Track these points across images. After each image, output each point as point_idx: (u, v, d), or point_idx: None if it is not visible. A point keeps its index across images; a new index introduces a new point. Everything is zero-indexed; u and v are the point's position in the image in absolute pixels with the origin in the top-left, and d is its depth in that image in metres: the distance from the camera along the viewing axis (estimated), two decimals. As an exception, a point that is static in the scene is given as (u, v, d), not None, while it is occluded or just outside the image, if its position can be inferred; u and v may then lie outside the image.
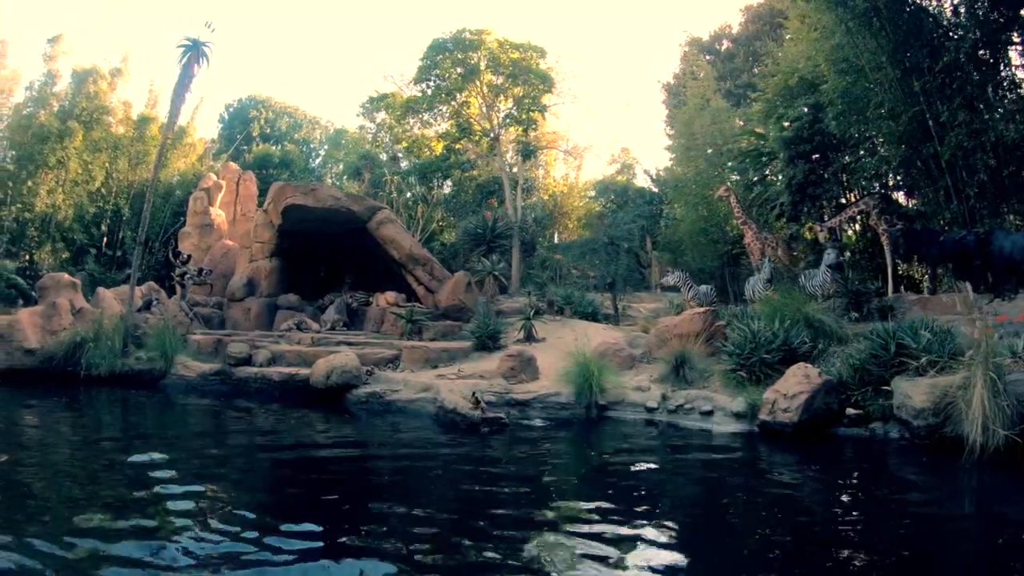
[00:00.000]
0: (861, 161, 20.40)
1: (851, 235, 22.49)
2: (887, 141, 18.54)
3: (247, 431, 12.88)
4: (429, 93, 33.57)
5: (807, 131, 19.97)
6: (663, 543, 6.74)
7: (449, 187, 39.06)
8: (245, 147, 46.02)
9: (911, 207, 20.10)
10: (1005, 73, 17.65)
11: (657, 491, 9.07)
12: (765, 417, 11.95)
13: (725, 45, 43.24)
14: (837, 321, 15.10)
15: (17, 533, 6.28)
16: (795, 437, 11.48)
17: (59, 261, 31.18)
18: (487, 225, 25.66)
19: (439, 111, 35.13)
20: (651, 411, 13.64)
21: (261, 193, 32.36)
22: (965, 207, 17.36)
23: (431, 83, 33.33)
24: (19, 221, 30.79)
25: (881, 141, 18.86)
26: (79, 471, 9.09)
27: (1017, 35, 17.26)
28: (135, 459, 9.42)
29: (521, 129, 33.17)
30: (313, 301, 23.05)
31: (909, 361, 11.81)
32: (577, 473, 10.27)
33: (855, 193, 21.58)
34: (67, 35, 34.42)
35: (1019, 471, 9.55)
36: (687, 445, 11.71)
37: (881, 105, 17.79)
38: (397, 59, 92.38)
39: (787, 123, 20.77)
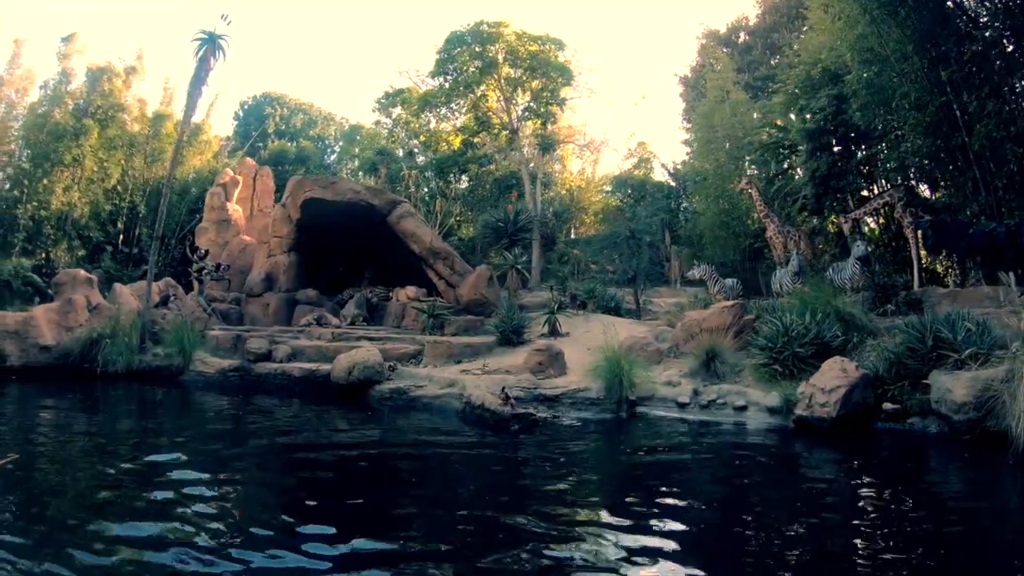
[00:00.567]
0: (886, 153, 19.99)
1: (874, 228, 22.12)
2: (913, 132, 18.10)
3: (269, 429, 12.51)
4: (447, 86, 33.33)
5: (830, 123, 19.71)
6: (709, 545, 6.51)
7: (466, 182, 38.82)
8: (260, 144, 45.93)
9: (937, 199, 19.68)
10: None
11: (699, 490, 8.71)
12: (802, 412, 11.67)
13: (742, 37, 42.68)
14: (867, 314, 14.81)
15: (36, 540, 6.07)
16: (833, 432, 11.18)
17: (75, 259, 31.07)
18: (508, 218, 25.27)
19: (457, 105, 34.90)
20: (683, 406, 13.25)
21: (277, 189, 32.36)
22: (993, 198, 16.96)
23: (449, 76, 33.13)
24: (35, 219, 30.72)
25: (907, 132, 18.39)
26: (97, 472, 8.80)
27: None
28: (154, 458, 9.19)
29: (540, 122, 32.85)
30: (332, 296, 22.81)
31: (949, 354, 11.41)
32: (613, 472, 9.95)
33: (878, 185, 21.25)
34: (81, 34, 34.40)
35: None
36: (723, 442, 11.30)
37: (907, 95, 17.35)
38: (413, 54, 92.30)
39: (809, 115, 20.51)
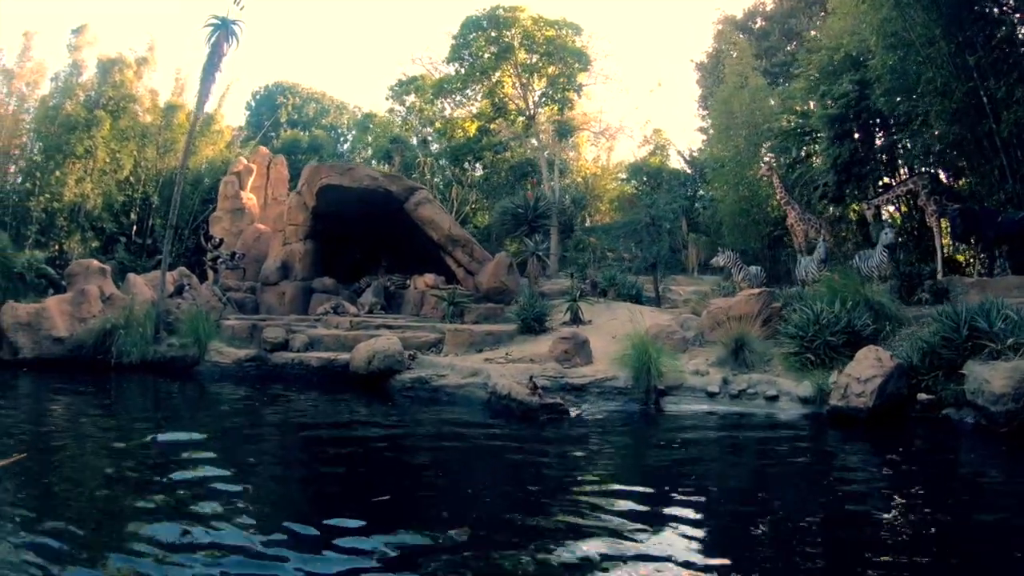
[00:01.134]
0: (911, 139, 19.49)
1: (896, 216, 21.63)
2: (939, 118, 17.59)
3: (289, 421, 12.21)
4: (462, 72, 32.98)
5: (853, 109, 19.23)
6: (755, 546, 6.23)
7: (480, 170, 38.46)
8: (273, 133, 45.74)
9: (959, 186, 19.22)
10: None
11: (735, 484, 8.48)
12: (837, 402, 11.39)
13: (759, 23, 42.05)
14: (895, 303, 14.57)
15: (63, 542, 5.78)
16: (868, 424, 10.89)
17: (89, 250, 30.82)
18: (528, 205, 24.79)
19: (472, 91, 34.55)
20: (712, 396, 12.89)
21: (291, 178, 32.21)
22: (1020, 187, 16.53)
23: (464, 62, 32.74)
24: (48, 211, 30.52)
25: (932, 119, 17.89)
26: (116, 470, 8.41)
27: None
28: (174, 455, 8.87)
29: (556, 108, 32.46)
30: (349, 284, 22.47)
31: (985, 344, 11.17)
32: (646, 465, 9.60)
33: (901, 173, 20.81)
34: (91, 25, 34.15)
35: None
36: (756, 434, 11.04)
37: (932, 81, 16.83)
38: (426, 41, 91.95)
39: (831, 100, 20.02)
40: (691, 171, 40.48)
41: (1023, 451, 9.52)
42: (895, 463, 9.36)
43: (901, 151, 20.56)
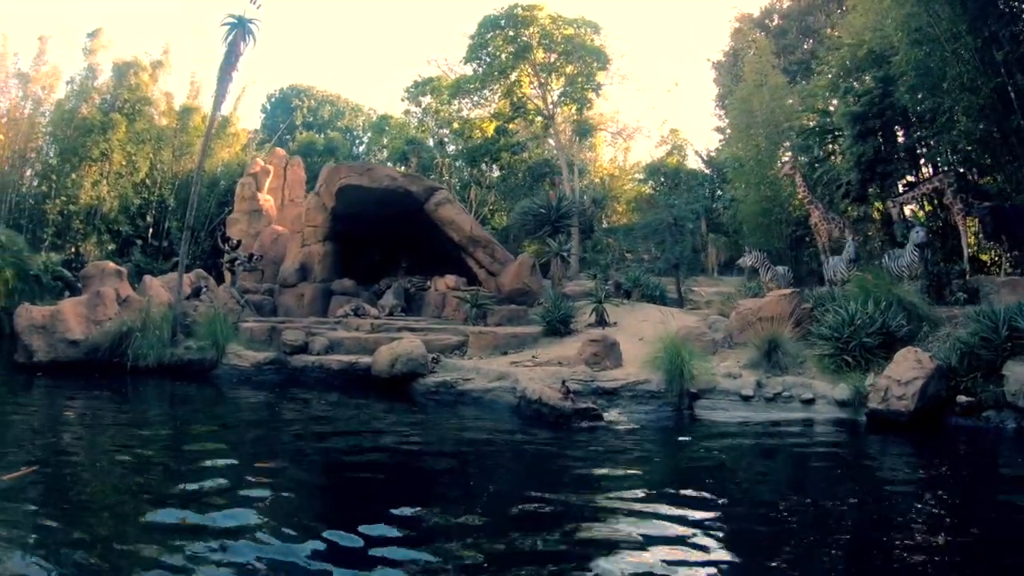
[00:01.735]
0: (937, 136, 19.04)
1: (920, 215, 21.19)
2: (965, 115, 17.23)
3: (313, 427, 11.79)
4: (480, 72, 32.69)
5: (876, 106, 18.88)
6: (792, 550, 6.12)
7: (497, 171, 38.12)
8: (288, 136, 45.63)
9: (984, 184, 18.78)
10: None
11: (778, 493, 8.17)
12: (876, 405, 11.13)
13: (776, 21, 41.56)
14: (928, 303, 14.30)
15: (86, 559, 5.56)
16: (909, 427, 10.68)
17: (105, 253, 30.82)
18: (551, 205, 24.36)
19: (490, 91, 34.26)
20: (747, 400, 12.57)
21: (308, 179, 32.09)
22: (1051, 185, 16.23)
23: (482, 62, 32.47)
24: (64, 214, 30.59)
25: (958, 115, 17.45)
26: (135, 482, 7.98)
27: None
28: (196, 464, 8.59)
29: (575, 107, 32.14)
30: (368, 286, 22.07)
31: None
32: (686, 471, 9.27)
33: (924, 171, 20.43)
34: (106, 29, 34.25)
35: None
36: (794, 439, 10.79)
37: (959, 77, 16.53)
38: (441, 43, 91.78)
39: (854, 98, 19.70)
40: (709, 171, 40.08)
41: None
42: (940, 468, 9.27)
43: (925, 149, 20.23)
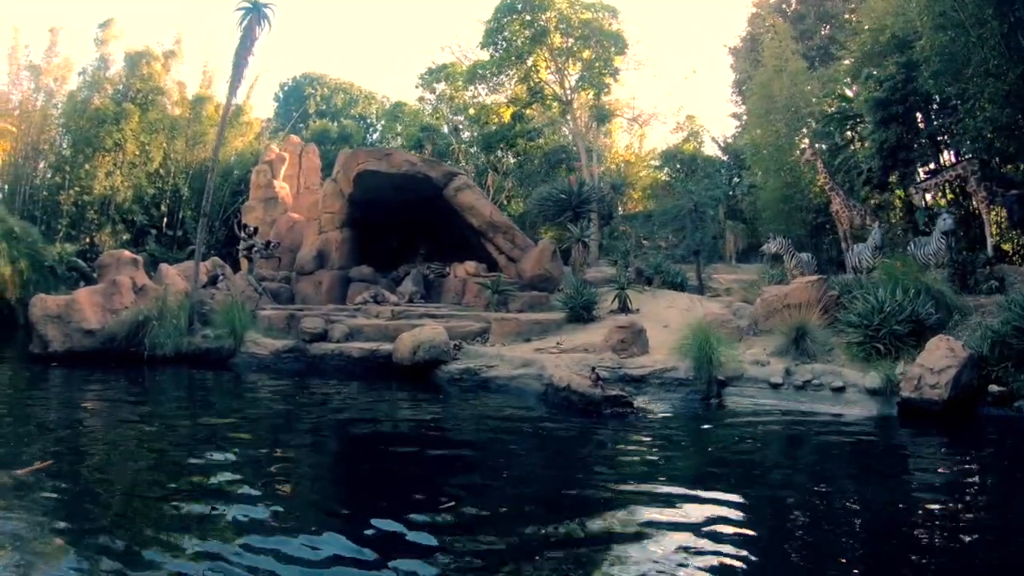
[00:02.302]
0: (961, 123, 18.68)
1: (942, 203, 20.85)
2: (991, 101, 16.84)
3: (338, 416, 11.57)
4: (496, 56, 32.40)
5: (899, 92, 18.63)
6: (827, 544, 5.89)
7: (512, 158, 37.76)
8: (302, 124, 45.32)
9: (1010, 171, 18.42)
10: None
11: (812, 483, 7.90)
12: (910, 394, 10.86)
13: (793, 6, 41.04)
14: (956, 291, 14.10)
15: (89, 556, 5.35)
16: (942, 416, 10.46)
17: (119, 243, 30.64)
18: (572, 190, 23.95)
19: (507, 75, 33.98)
20: (775, 388, 12.29)
21: (323, 167, 31.84)
22: (1077, 172, 15.86)
23: (499, 46, 32.17)
24: (78, 204, 30.48)
25: (983, 102, 17.07)
26: (157, 476, 7.73)
27: None
28: (218, 456, 8.37)
29: (593, 92, 31.82)
30: (386, 273, 21.78)
31: None
32: (720, 460, 9.00)
33: (944, 158, 20.19)
34: (118, 19, 34.17)
35: None
36: (829, 428, 10.47)
37: (984, 63, 16.18)
38: (454, 30, 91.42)
39: (876, 84, 19.43)
40: (726, 158, 39.69)
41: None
42: (978, 459, 9.12)
43: (947, 136, 19.93)
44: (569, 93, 32.32)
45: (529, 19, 31.29)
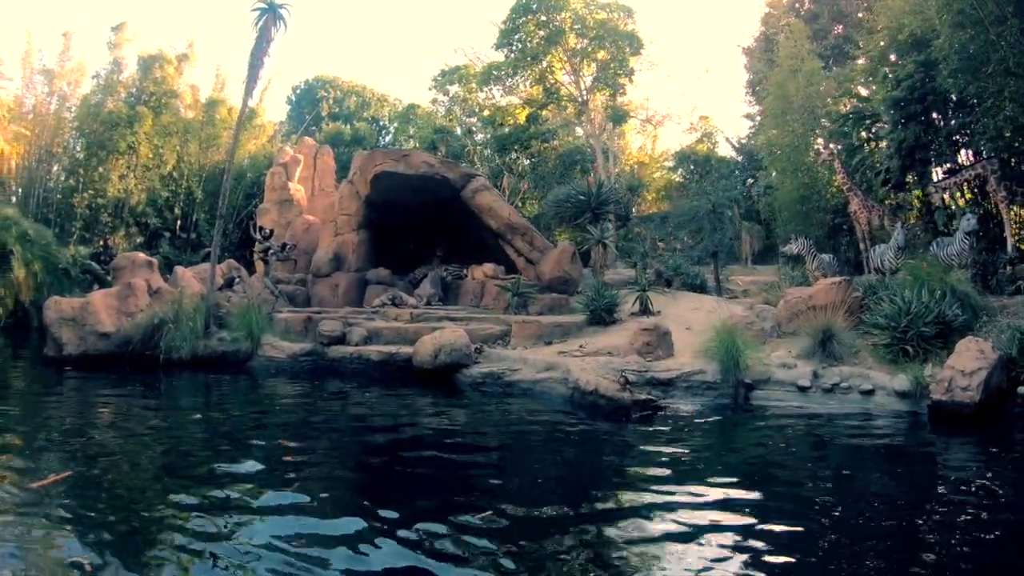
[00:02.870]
0: (982, 122, 18.46)
1: (962, 203, 20.62)
2: (1010, 100, 16.71)
3: (361, 421, 11.34)
4: (511, 57, 32.32)
5: (918, 91, 18.56)
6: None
7: (527, 160, 37.61)
8: (315, 127, 45.41)
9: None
10: None
11: (849, 490, 7.72)
12: (940, 396, 10.74)
13: (807, 5, 40.85)
14: (981, 292, 14.14)
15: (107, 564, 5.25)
16: (973, 418, 10.36)
17: (133, 245, 30.90)
18: (590, 191, 23.70)
19: (522, 76, 33.91)
20: (803, 391, 12.10)
21: (337, 169, 31.92)
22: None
23: (514, 47, 32.09)
24: (92, 207, 30.59)
25: (1004, 101, 16.87)
26: (180, 486, 7.44)
27: None
28: (240, 467, 8.14)
29: (609, 93, 31.68)
30: (402, 275, 21.59)
31: None
32: (756, 466, 8.72)
33: (961, 158, 20.04)
34: (130, 23, 34.24)
35: None
36: (860, 431, 10.35)
37: (1004, 62, 16.03)
38: (467, 32, 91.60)
39: (894, 83, 19.39)
40: (740, 158, 39.54)
41: None
42: (1012, 460, 8.88)
43: (966, 136, 19.67)
44: (585, 94, 32.21)
45: (544, 19, 31.21)
